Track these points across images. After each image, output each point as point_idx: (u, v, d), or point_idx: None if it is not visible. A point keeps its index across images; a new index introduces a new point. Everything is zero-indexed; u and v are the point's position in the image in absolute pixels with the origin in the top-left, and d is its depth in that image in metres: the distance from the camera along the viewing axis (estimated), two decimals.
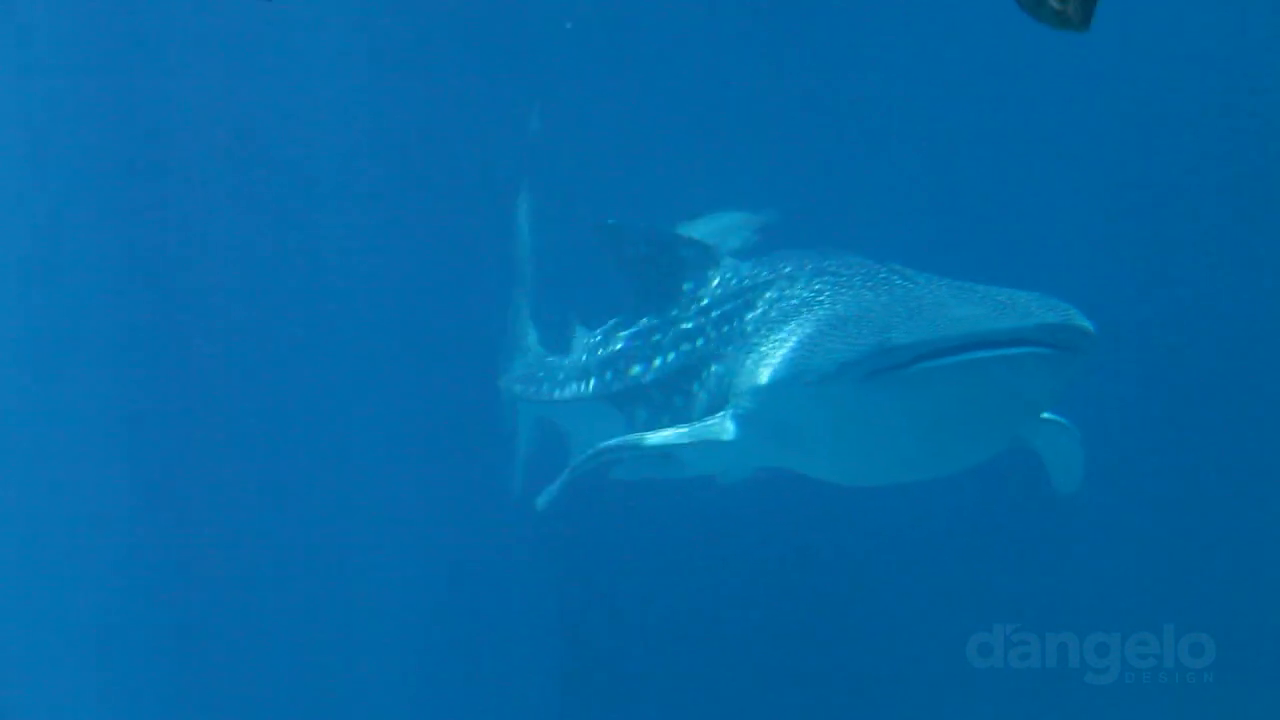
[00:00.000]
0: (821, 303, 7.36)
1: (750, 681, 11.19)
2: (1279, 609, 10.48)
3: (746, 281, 8.04)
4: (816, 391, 7.02)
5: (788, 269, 7.86)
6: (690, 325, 8.28)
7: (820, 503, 9.63)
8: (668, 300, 8.49)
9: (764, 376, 7.26)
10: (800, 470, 7.88)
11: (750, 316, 7.77)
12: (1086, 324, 6.85)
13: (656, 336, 8.50)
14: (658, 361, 8.39)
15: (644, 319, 8.66)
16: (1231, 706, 9.48)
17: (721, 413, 7.64)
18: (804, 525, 10.75)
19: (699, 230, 9.49)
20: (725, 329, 7.96)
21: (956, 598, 10.13)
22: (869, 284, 7.39)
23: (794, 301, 7.53)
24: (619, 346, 8.80)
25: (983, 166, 11.78)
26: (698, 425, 7.84)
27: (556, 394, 9.40)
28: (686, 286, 8.45)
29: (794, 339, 7.18)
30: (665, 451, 7.94)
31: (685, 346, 8.24)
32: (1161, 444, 10.99)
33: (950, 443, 7.26)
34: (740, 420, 7.54)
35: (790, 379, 7.13)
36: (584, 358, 9.17)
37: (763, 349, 7.36)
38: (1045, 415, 7.75)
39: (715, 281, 8.33)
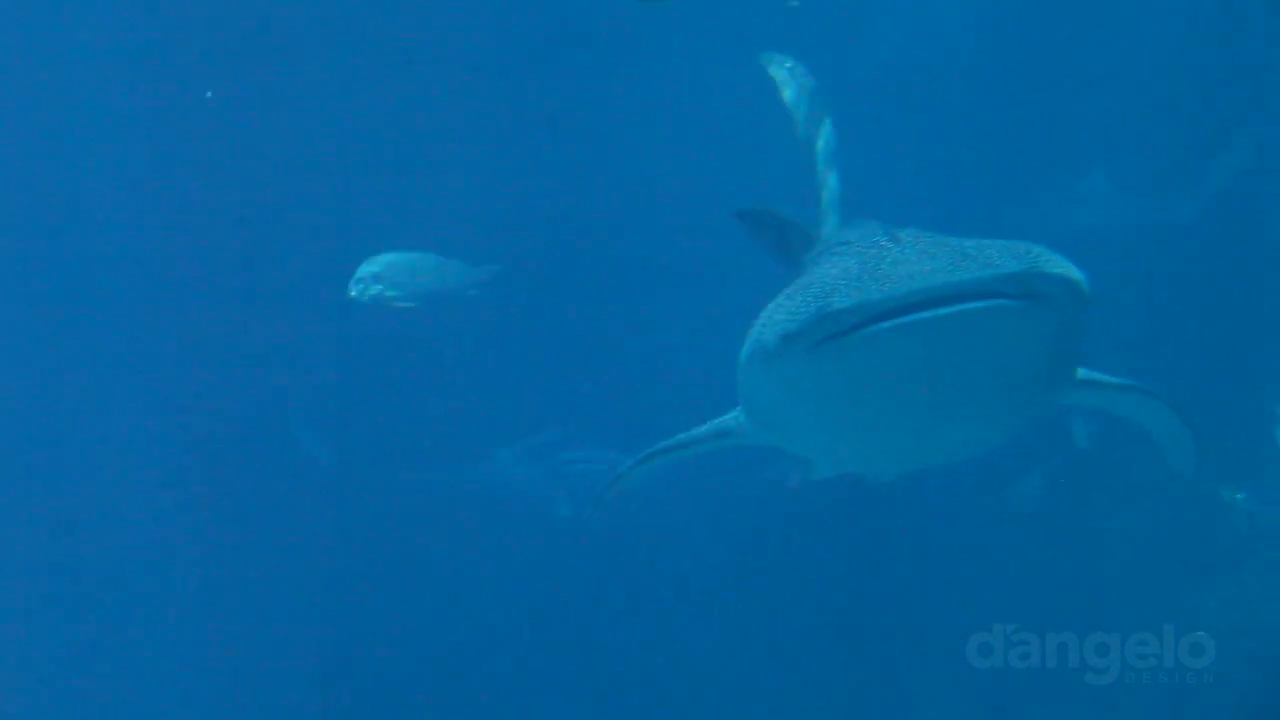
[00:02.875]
0: (802, 277, 6.78)
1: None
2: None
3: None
4: (772, 369, 6.53)
5: (818, 247, 7.41)
6: None
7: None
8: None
9: (740, 362, 6.91)
10: (814, 458, 7.59)
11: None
12: (1057, 270, 6.11)
13: None
14: None
15: None
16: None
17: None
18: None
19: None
20: None
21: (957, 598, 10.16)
22: (857, 249, 6.62)
23: (797, 279, 6.88)
24: None
25: None
26: (716, 420, 7.67)
27: None
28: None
29: (760, 319, 6.68)
30: (694, 447, 7.76)
31: None
32: None
33: (942, 415, 6.52)
34: (743, 407, 7.35)
35: (750, 360, 6.68)
36: None
37: (750, 333, 6.92)
38: (1121, 382, 7.14)
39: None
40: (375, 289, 10.66)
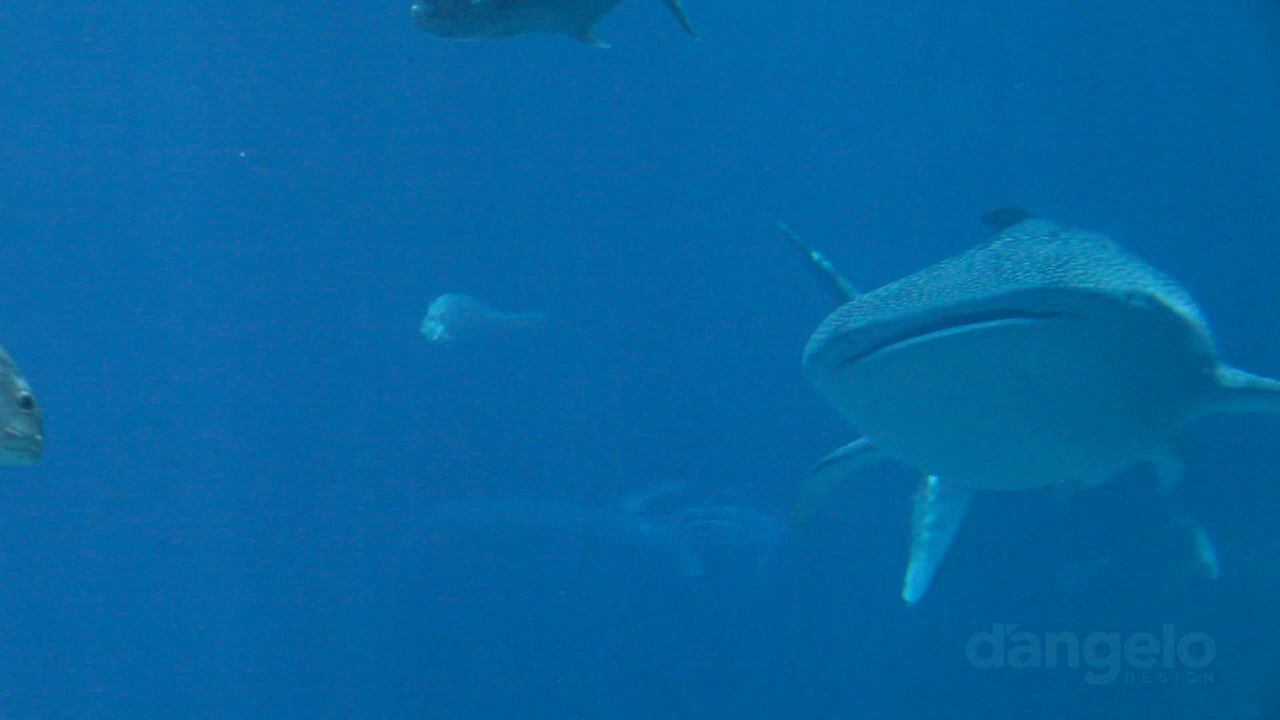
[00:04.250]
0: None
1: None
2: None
3: None
4: (816, 386, 6.47)
5: None
6: None
7: None
8: None
9: None
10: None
11: None
12: (1085, 285, 5.75)
13: None
14: None
15: None
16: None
17: None
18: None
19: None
20: None
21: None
22: (955, 256, 6.39)
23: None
24: None
25: None
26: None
27: None
28: None
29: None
30: (853, 459, 7.72)
31: None
32: None
33: (1001, 432, 6.21)
34: None
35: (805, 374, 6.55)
36: None
37: None
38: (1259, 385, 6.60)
39: None
40: (439, 330, 11.39)
